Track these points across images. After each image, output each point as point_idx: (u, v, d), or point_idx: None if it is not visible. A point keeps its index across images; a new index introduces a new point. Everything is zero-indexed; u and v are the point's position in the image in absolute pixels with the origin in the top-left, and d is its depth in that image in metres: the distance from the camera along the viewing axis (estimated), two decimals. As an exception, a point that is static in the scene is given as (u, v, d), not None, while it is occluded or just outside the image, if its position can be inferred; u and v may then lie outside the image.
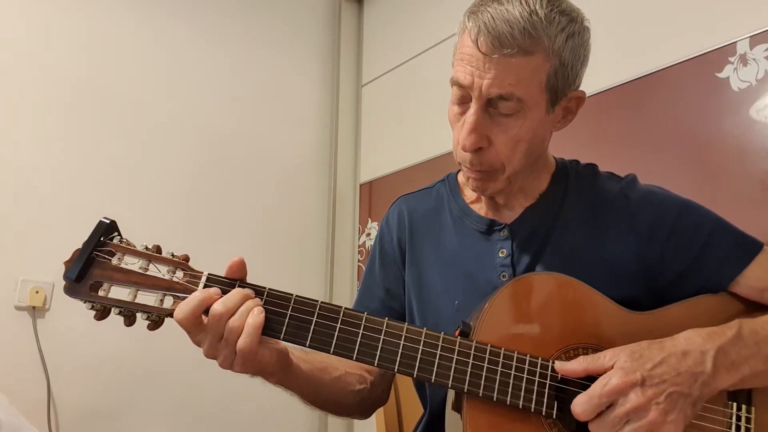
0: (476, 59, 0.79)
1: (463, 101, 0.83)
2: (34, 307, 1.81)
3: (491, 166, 0.85)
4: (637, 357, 0.71)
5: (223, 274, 0.77)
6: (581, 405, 0.70)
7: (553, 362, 0.77)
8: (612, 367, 0.71)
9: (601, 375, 0.72)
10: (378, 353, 0.75)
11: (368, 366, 0.93)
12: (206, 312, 0.73)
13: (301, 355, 0.86)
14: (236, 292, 0.74)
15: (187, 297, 0.74)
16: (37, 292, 1.81)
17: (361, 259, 2.45)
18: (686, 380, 0.70)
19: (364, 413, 1.02)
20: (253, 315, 0.73)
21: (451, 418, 0.80)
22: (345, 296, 2.45)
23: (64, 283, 0.74)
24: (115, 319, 0.76)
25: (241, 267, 0.77)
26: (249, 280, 0.78)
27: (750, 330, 0.76)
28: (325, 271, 2.45)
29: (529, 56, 0.78)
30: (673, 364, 0.70)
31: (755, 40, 1.37)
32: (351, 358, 0.75)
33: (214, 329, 0.73)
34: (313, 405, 0.92)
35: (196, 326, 0.73)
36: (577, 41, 0.82)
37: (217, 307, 0.72)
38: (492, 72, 0.78)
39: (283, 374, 0.81)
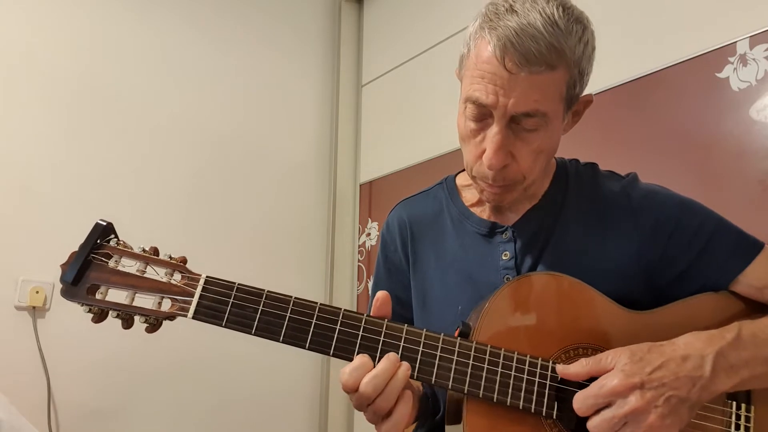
0: (500, 77, 0.76)
1: (482, 118, 0.81)
2: (34, 307, 1.81)
3: (513, 179, 0.84)
4: (638, 360, 0.71)
5: (225, 276, 0.76)
6: (579, 402, 0.72)
7: (553, 363, 0.77)
8: (613, 368, 0.72)
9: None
10: (378, 355, 0.75)
11: None
12: None
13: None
14: (385, 369, 0.73)
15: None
16: (37, 292, 1.81)
17: (361, 259, 2.45)
18: (685, 384, 0.70)
19: None
20: (404, 402, 0.74)
21: (451, 429, 0.80)
22: (345, 296, 2.45)
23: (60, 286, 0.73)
24: (113, 320, 0.76)
25: (386, 303, 0.78)
26: (248, 280, 0.77)
27: (749, 333, 0.76)
28: (325, 271, 2.45)
29: (554, 71, 0.76)
30: (673, 369, 0.71)
31: (755, 40, 1.37)
32: (350, 360, 0.75)
33: (364, 407, 0.74)
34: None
35: None
36: (589, 48, 0.81)
37: (367, 389, 0.72)
38: (518, 90, 0.76)
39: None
